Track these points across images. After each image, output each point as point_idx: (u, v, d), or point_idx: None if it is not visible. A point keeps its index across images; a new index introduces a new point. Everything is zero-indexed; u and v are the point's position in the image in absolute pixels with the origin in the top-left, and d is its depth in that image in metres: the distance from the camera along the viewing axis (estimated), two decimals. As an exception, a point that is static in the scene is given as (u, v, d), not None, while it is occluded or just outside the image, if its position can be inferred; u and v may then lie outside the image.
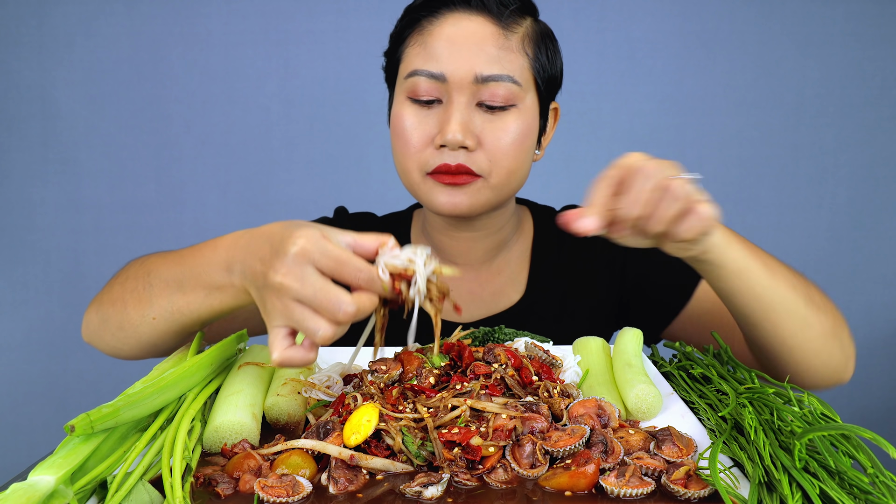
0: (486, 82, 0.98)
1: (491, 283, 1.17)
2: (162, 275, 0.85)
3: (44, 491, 0.52)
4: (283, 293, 0.67)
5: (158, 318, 0.85)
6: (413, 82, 1.00)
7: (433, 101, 1.00)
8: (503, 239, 1.16)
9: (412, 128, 1.01)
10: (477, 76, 0.97)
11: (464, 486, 0.61)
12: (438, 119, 1.00)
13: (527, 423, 0.66)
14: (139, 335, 0.88)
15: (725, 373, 0.85)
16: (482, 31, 0.99)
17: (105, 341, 0.94)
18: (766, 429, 0.66)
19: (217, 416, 0.69)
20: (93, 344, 0.97)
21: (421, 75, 0.99)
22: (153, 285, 0.86)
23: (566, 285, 1.17)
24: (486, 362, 0.76)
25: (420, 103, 1.01)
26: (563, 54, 1.10)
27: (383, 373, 0.76)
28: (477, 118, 0.99)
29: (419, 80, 0.99)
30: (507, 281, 1.17)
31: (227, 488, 0.60)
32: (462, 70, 0.97)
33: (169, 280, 0.84)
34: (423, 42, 1.01)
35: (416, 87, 1.00)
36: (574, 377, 0.81)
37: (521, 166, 1.04)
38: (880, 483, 0.57)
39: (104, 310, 0.92)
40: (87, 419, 0.58)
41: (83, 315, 0.97)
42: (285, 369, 0.80)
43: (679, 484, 0.59)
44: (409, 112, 1.01)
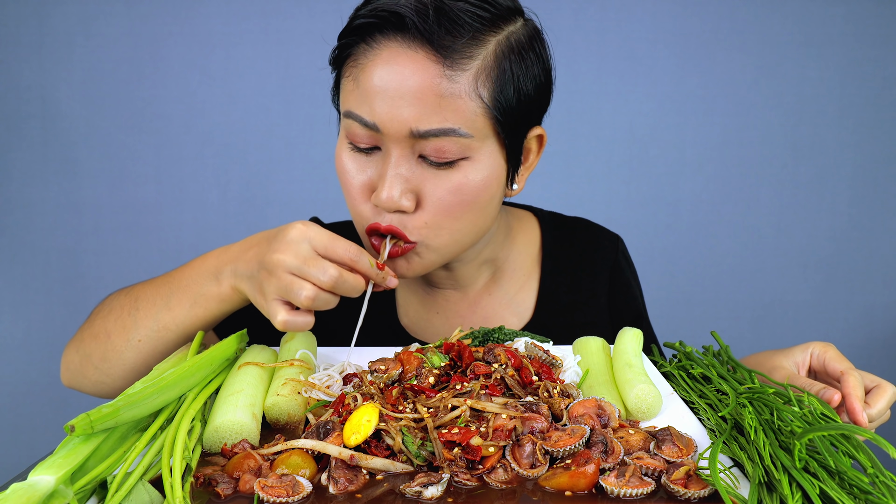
0: (425, 137, 0.81)
1: (482, 306, 1.07)
2: (149, 296, 0.90)
3: (44, 491, 0.52)
4: (278, 267, 0.77)
5: (143, 340, 0.88)
6: (349, 125, 0.85)
7: (372, 149, 0.86)
8: (487, 258, 1.05)
9: (351, 174, 0.87)
10: (413, 131, 0.80)
11: (464, 486, 0.61)
12: (377, 169, 0.85)
13: (527, 423, 0.66)
14: (124, 362, 0.89)
15: (725, 373, 0.85)
16: (422, 71, 0.79)
17: (88, 378, 0.93)
18: (766, 429, 0.66)
19: (217, 416, 0.69)
20: (74, 385, 0.96)
21: (354, 119, 0.84)
22: (139, 308, 0.89)
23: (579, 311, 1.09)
24: (486, 362, 0.76)
25: (359, 149, 0.86)
26: (562, 55, 0.98)
27: (383, 373, 0.76)
28: (419, 172, 0.84)
29: (353, 124, 0.84)
30: (500, 303, 1.07)
31: (227, 488, 0.60)
32: (396, 122, 0.80)
33: (156, 299, 0.89)
34: (356, 77, 0.84)
35: (351, 130, 0.85)
36: (574, 377, 0.81)
37: (470, 225, 0.88)
38: (880, 483, 0.57)
39: (85, 346, 0.93)
40: (87, 419, 0.58)
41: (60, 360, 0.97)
42: (285, 369, 0.80)
43: (679, 484, 0.59)
44: (348, 156, 0.87)
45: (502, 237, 1.06)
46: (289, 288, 0.77)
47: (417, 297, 1.08)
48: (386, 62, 0.81)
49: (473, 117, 0.82)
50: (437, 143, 0.81)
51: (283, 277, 0.77)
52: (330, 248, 0.78)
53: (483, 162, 0.85)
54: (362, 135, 0.84)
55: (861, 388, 0.81)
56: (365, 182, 0.87)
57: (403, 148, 0.83)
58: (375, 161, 0.86)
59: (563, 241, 1.12)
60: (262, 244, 0.81)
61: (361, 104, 0.82)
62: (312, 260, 0.77)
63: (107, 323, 0.91)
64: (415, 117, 0.80)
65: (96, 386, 0.93)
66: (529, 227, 1.13)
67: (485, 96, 0.82)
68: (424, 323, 1.07)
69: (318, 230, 0.79)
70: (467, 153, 0.83)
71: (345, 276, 0.78)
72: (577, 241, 1.13)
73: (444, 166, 0.83)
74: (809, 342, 0.92)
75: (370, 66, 0.82)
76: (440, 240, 0.87)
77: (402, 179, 0.83)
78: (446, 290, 1.07)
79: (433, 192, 0.84)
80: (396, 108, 0.80)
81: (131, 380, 0.90)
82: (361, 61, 0.83)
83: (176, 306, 0.87)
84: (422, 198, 0.85)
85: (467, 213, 0.86)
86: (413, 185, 0.84)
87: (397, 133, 0.81)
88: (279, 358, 0.85)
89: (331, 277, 0.77)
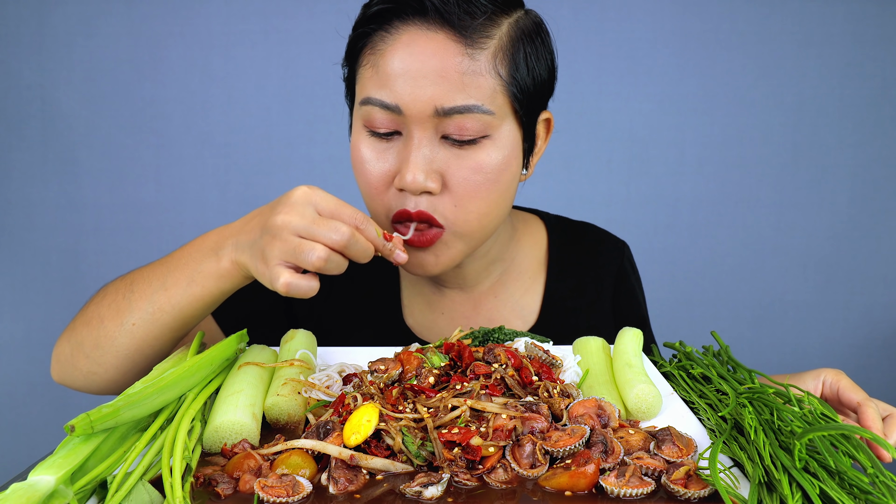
0: (449, 115, 0.82)
1: (487, 307, 1.07)
2: (146, 278, 0.85)
3: (44, 491, 0.52)
4: (283, 229, 0.72)
5: (137, 323, 0.83)
6: (368, 111, 0.85)
7: (392, 133, 0.86)
8: (493, 259, 1.06)
9: (370, 164, 0.87)
10: (437, 109, 0.82)
11: (464, 486, 0.61)
12: (399, 154, 0.85)
13: (527, 423, 0.66)
14: (117, 349, 0.84)
15: (725, 373, 0.85)
16: (443, 50, 0.81)
17: (79, 369, 0.88)
18: (766, 429, 0.66)
19: (217, 416, 0.69)
20: (64, 380, 0.91)
21: (374, 105, 0.84)
22: (134, 291, 0.85)
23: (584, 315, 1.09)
24: (486, 362, 0.76)
25: (378, 135, 0.86)
26: (562, 55, 0.99)
27: (383, 373, 0.76)
28: (442, 153, 0.84)
29: (373, 109, 0.84)
30: (506, 306, 1.08)
31: (227, 488, 0.60)
32: (420, 102, 0.81)
33: (152, 280, 0.84)
34: (374, 63, 0.84)
35: (371, 116, 0.85)
36: (574, 377, 0.81)
37: (495, 207, 0.90)
38: (880, 483, 0.57)
39: (77, 334, 0.88)
40: (87, 419, 0.58)
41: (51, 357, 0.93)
42: (285, 369, 0.80)
43: (679, 484, 0.59)
44: (367, 144, 0.87)
45: (507, 237, 1.06)
46: (298, 250, 0.72)
47: (423, 298, 1.07)
48: (406, 45, 0.82)
49: (493, 94, 0.84)
50: (460, 120, 0.82)
51: (290, 240, 0.72)
52: (336, 212, 0.74)
53: (502, 141, 0.86)
54: (382, 119, 0.84)
55: (880, 419, 0.81)
56: (386, 170, 0.87)
57: (426, 129, 0.83)
58: (395, 147, 0.86)
59: (569, 246, 1.12)
60: (265, 212, 0.76)
61: (381, 88, 0.83)
62: (321, 220, 0.73)
63: (100, 308, 0.87)
64: (439, 95, 0.81)
65: (87, 378, 0.88)
66: (535, 230, 1.13)
67: (503, 74, 0.84)
68: (430, 324, 1.06)
69: (324, 193, 0.75)
70: (488, 131, 0.85)
71: (356, 235, 0.74)
72: (584, 246, 1.13)
73: (466, 145, 0.84)
74: (820, 369, 0.90)
75: (390, 50, 0.83)
76: (467, 224, 0.88)
77: (427, 160, 0.84)
78: (452, 291, 1.07)
79: (457, 173, 0.85)
80: (420, 88, 0.81)
81: (124, 370, 0.86)
82: (380, 47, 0.84)
83: (172, 286, 0.81)
84: (446, 179, 0.85)
85: (491, 192, 0.87)
86: (437, 165, 0.85)
87: (420, 113, 0.82)
88: (279, 358, 0.85)
89: (343, 235, 0.72)
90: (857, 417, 0.83)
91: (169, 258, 0.85)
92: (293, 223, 0.72)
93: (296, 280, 0.73)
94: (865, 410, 0.82)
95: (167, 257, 0.86)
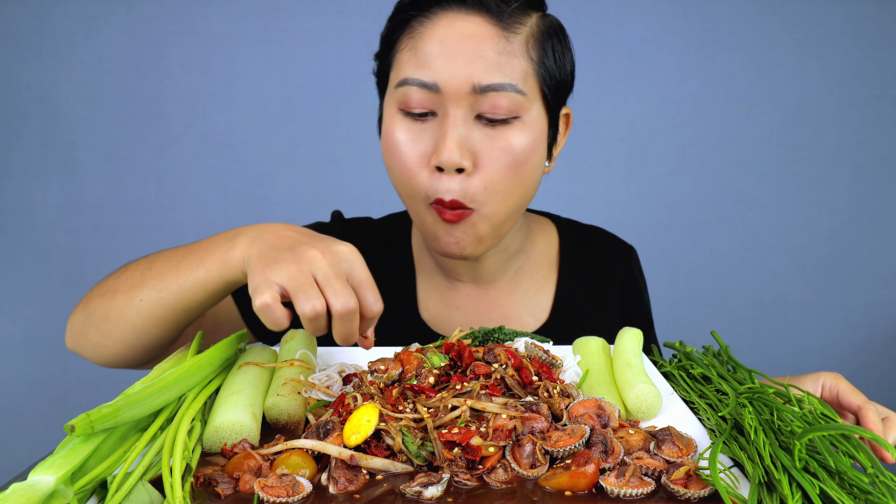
0: (485, 92, 0.86)
1: (501, 304, 1.09)
2: (167, 256, 0.84)
3: (44, 491, 0.52)
4: (308, 262, 0.70)
5: (144, 300, 0.82)
6: (404, 92, 0.88)
7: (427, 114, 0.89)
8: (511, 255, 1.08)
9: (405, 145, 0.90)
10: (475, 86, 0.86)
11: (464, 486, 0.61)
12: (433, 134, 0.89)
13: (527, 423, 0.66)
14: (124, 323, 0.83)
15: (725, 373, 0.85)
16: (480, 33, 0.86)
17: (89, 340, 0.88)
18: (766, 429, 0.66)
19: (217, 416, 0.69)
20: (76, 348, 0.92)
21: (412, 84, 0.87)
22: (151, 268, 0.83)
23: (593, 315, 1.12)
24: (486, 362, 0.76)
25: (413, 116, 0.89)
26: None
27: (383, 373, 0.76)
28: (476, 133, 0.88)
29: (410, 90, 0.88)
30: (519, 303, 1.10)
31: (227, 488, 0.60)
32: (458, 79, 0.86)
33: (170, 259, 0.82)
34: (413, 46, 0.89)
35: (407, 97, 0.88)
36: (574, 377, 0.81)
37: (521, 189, 0.93)
38: (880, 483, 0.57)
39: (91, 304, 0.88)
40: (87, 419, 0.58)
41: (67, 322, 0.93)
42: (285, 369, 0.80)
43: (679, 484, 0.59)
44: (401, 126, 0.90)
45: (524, 235, 1.10)
46: (301, 287, 0.68)
47: (438, 293, 1.09)
48: (446, 27, 0.87)
49: (525, 76, 0.88)
50: (495, 98, 0.86)
51: (305, 275, 0.69)
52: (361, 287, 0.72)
53: (531, 124, 0.90)
54: (419, 99, 0.88)
55: (880, 422, 0.82)
56: (421, 151, 0.90)
57: (462, 107, 0.87)
58: (430, 128, 0.89)
59: (579, 248, 1.15)
60: (306, 236, 0.75)
61: (420, 68, 0.87)
62: (342, 281, 0.70)
63: (118, 282, 0.86)
64: (476, 72, 0.86)
65: (96, 350, 0.88)
66: (548, 232, 1.16)
67: (534, 58, 0.90)
68: (444, 318, 1.08)
69: (365, 266, 0.73)
70: (519, 112, 0.89)
71: (355, 318, 0.71)
72: (593, 249, 1.16)
73: (498, 124, 0.88)
74: (819, 372, 0.91)
75: (429, 33, 0.88)
76: (495, 206, 0.91)
77: (462, 138, 0.87)
78: (467, 286, 1.09)
79: (489, 152, 0.88)
80: (458, 66, 0.86)
81: (130, 345, 0.86)
82: (419, 31, 0.89)
83: (184, 267, 0.80)
84: (478, 159, 0.89)
85: (518, 174, 0.91)
86: (470, 144, 0.88)
87: (458, 90, 0.86)
88: (279, 358, 0.85)
89: (345, 308, 0.69)
90: (857, 420, 0.84)
91: (199, 241, 0.84)
92: (319, 265, 0.70)
93: (275, 307, 0.68)
94: (865, 413, 0.83)
95: (199, 241, 0.84)
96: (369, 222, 1.16)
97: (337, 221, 1.16)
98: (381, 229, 1.15)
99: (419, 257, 1.11)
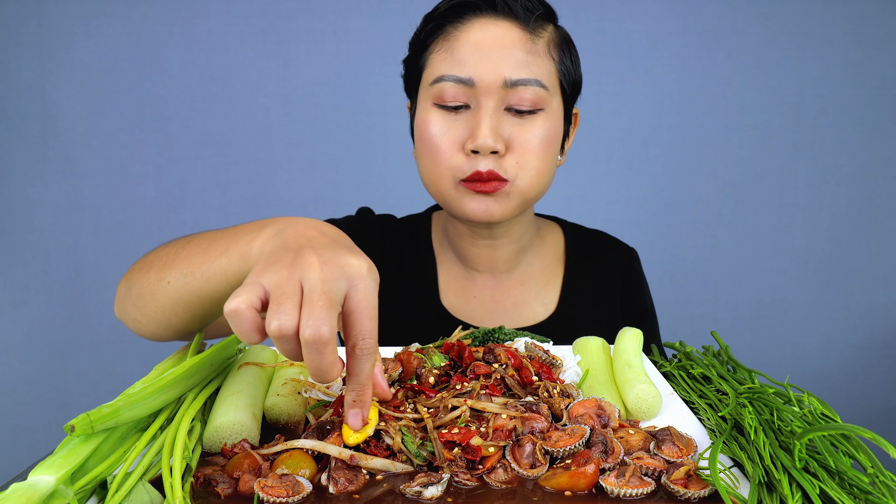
0: (514, 87, 0.98)
1: (514, 294, 1.19)
2: (200, 240, 0.79)
3: (44, 491, 0.52)
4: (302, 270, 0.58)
5: (172, 282, 0.78)
6: (440, 88, 1.00)
7: (460, 107, 1.00)
8: (523, 247, 1.18)
9: (441, 134, 1.01)
10: (506, 80, 0.97)
11: (464, 486, 0.61)
12: (467, 124, 1.00)
13: (527, 423, 0.66)
14: (155, 302, 0.81)
15: (725, 373, 0.85)
16: (510, 35, 0.99)
17: (127, 313, 0.87)
18: (766, 429, 0.66)
19: (217, 416, 0.69)
20: (121, 317, 0.90)
21: (448, 80, 0.99)
22: (185, 248, 0.79)
23: (596, 309, 1.20)
24: (486, 362, 0.76)
25: (447, 109, 1.01)
26: None
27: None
28: (505, 122, 1.00)
29: (446, 85, 0.99)
30: (530, 293, 1.19)
31: (227, 488, 0.60)
32: (491, 74, 0.97)
33: (201, 242, 0.78)
34: (449, 48, 1.00)
35: (442, 92, 1.00)
36: (574, 377, 0.81)
37: (548, 169, 1.04)
38: (880, 483, 0.57)
39: (132, 277, 0.86)
40: (87, 419, 0.58)
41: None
42: (285, 369, 0.80)
43: (679, 484, 0.59)
44: (437, 118, 1.01)
45: (534, 231, 1.20)
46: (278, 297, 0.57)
47: (458, 283, 1.19)
48: (480, 30, 0.99)
49: (549, 74, 1.01)
50: (523, 91, 0.98)
51: (290, 282, 0.58)
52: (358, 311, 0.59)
53: (553, 116, 1.03)
54: (454, 93, 0.99)
55: None
56: (455, 137, 1.00)
57: (493, 99, 0.98)
58: (463, 119, 1.00)
59: (583, 249, 1.24)
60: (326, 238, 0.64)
61: (455, 65, 0.99)
62: (326, 305, 0.56)
63: (156, 257, 0.84)
64: (508, 68, 0.98)
65: (135, 324, 0.87)
66: (555, 233, 1.26)
67: (556, 59, 1.02)
68: (463, 305, 1.18)
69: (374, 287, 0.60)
70: (543, 105, 1.00)
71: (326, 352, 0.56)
72: (595, 251, 1.25)
73: (525, 115, 1.00)
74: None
75: (463, 36, 1.00)
76: (527, 179, 1.02)
77: (494, 126, 0.98)
78: (483, 277, 1.18)
79: (519, 137, 1.00)
80: (491, 63, 0.98)
81: (164, 325, 0.82)
82: (454, 34, 1.01)
83: (211, 253, 0.74)
84: (509, 143, 1.00)
85: (544, 154, 1.02)
86: (501, 131, 0.99)
87: (491, 84, 0.98)
88: (279, 358, 0.85)
89: (313, 333, 0.55)
90: None
91: (234, 227, 0.78)
92: (312, 275, 0.58)
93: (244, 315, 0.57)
94: None
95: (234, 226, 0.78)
96: (393, 220, 1.26)
97: (366, 216, 1.25)
98: (405, 225, 1.25)
99: (439, 250, 1.22)
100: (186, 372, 0.72)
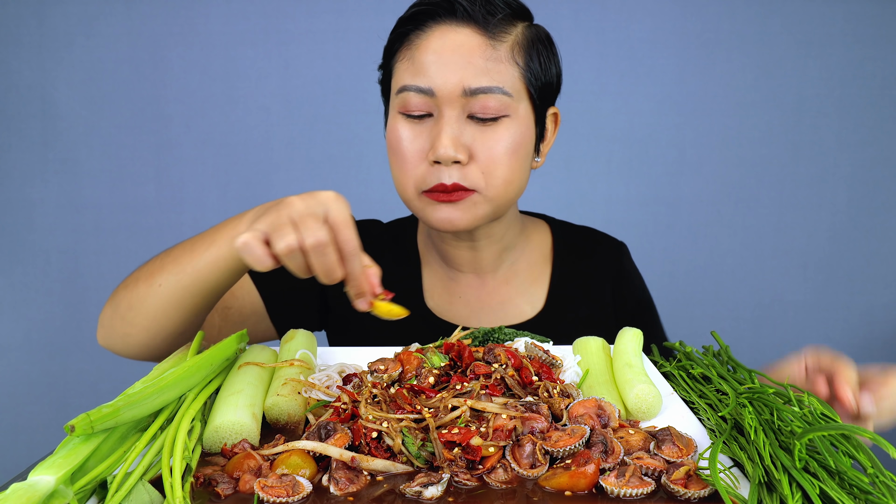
0: (475, 95, 0.96)
1: (499, 293, 1.17)
2: (184, 244, 0.89)
3: (44, 491, 0.52)
4: (286, 206, 0.74)
5: (163, 284, 0.87)
6: (403, 98, 0.99)
7: (424, 116, 0.99)
8: (506, 246, 1.15)
9: (406, 143, 1.00)
10: (465, 89, 0.95)
11: (464, 486, 0.61)
12: (431, 133, 0.98)
13: (527, 423, 0.66)
14: (146, 309, 0.88)
15: (725, 373, 0.85)
16: (469, 42, 0.96)
17: (115, 330, 0.93)
18: (766, 429, 0.66)
19: (217, 416, 0.69)
20: (106, 343, 0.96)
21: (410, 90, 0.97)
22: (170, 254, 0.89)
23: (585, 306, 1.18)
24: (486, 362, 0.76)
25: (412, 118, 0.99)
26: (562, 55, 1.08)
27: (383, 373, 0.76)
28: (468, 130, 0.98)
29: (409, 95, 0.98)
30: (516, 292, 1.17)
31: (227, 488, 0.60)
32: (450, 84, 0.95)
33: (186, 245, 0.88)
34: (410, 56, 0.99)
35: (406, 102, 0.98)
36: (574, 377, 0.81)
37: (516, 176, 1.02)
38: (880, 483, 0.57)
39: (117, 296, 0.93)
40: (87, 419, 0.58)
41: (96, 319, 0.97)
42: (285, 369, 0.80)
43: (679, 484, 0.59)
44: (402, 127, 1.00)
45: (518, 229, 1.18)
46: (277, 229, 0.73)
47: (442, 284, 1.18)
48: (439, 38, 0.97)
49: (513, 80, 0.98)
50: (484, 99, 0.96)
51: (281, 218, 0.73)
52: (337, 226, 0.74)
53: (519, 121, 1.00)
54: (417, 103, 0.98)
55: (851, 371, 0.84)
56: (419, 148, 0.99)
57: (454, 108, 0.97)
58: (428, 127, 0.99)
59: (571, 246, 1.22)
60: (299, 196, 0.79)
61: (416, 75, 0.97)
62: (315, 219, 0.73)
63: (140, 272, 0.91)
64: (466, 77, 0.95)
65: (124, 341, 0.92)
66: (542, 230, 1.24)
67: (520, 63, 0.99)
68: (448, 306, 1.16)
69: (346, 208, 0.76)
70: (507, 111, 0.98)
71: (329, 251, 0.73)
72: (584, 247, 1.24)
73: (489, 122, 0.98)
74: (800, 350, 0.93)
75: (424, 44, 0.98)
76: (495, 189, 1.00)
77: (455, 135, 0.97)
78: (468, 277, 1.17)
79: (482, 145, 0.98)
80: (450, 72, 0.96)
81: (154, 332, 0.90)
82: (415, 43, 0.99)
83: (198, 248, 0.85)
84: (473, 152, 0.98)
85: (511, 161, 1.00)
86: (464, 140, 0.97)
87: (451, 94, 0.96)
88: (279, 358, 0.85)
89: (314, 240, 0.72)
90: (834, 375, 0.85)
91: (214, 226, 0.90)
92: (295, 207, 0.74)
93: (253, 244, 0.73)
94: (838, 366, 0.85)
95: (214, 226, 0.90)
96: (378, 225, 1.25)
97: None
98: (390, 229, 1.24)
99: (424, 252, 1.20)
100: (186, 372, 0.72)
